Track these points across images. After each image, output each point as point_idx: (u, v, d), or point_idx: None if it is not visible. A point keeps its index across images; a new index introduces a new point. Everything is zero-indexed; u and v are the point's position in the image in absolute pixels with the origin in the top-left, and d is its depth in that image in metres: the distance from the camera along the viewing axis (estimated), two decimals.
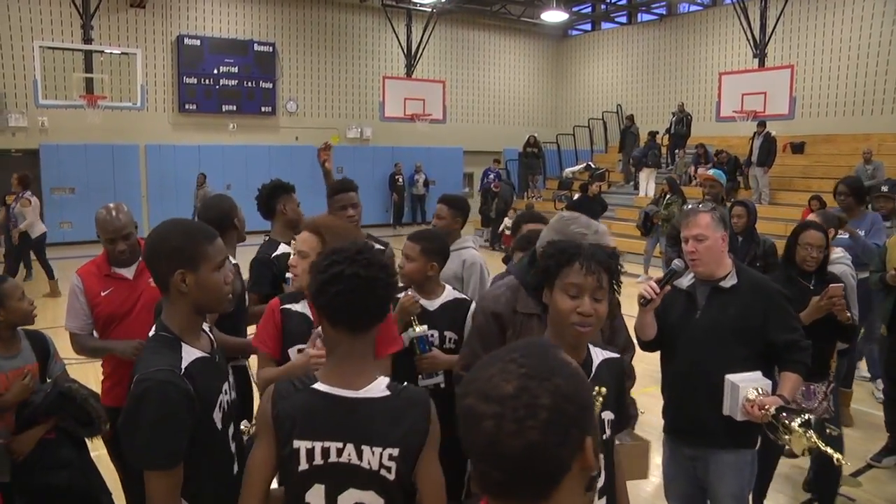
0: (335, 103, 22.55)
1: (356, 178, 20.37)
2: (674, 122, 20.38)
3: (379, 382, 2.00)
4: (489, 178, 22.35)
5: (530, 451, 1.09)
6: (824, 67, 19.42)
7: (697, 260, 3.31)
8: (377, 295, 1.95)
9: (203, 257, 2.19)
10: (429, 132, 21.95)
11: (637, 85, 24.98)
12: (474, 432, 1.12)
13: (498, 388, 1.12)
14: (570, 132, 24.57)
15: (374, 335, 2.06)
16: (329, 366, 2.03)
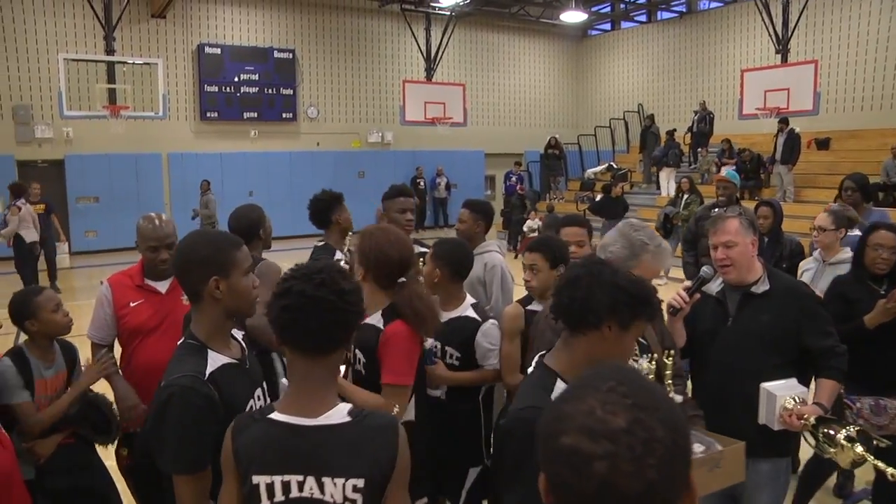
0: (356, 108, 22.62)
1: (378, 182, 20.69)
2: (696, 121, 20.27)
3: (339, 409, 1.89)
4: (511, 180, 22.38)
5: (650, 492, 0.97)
6: (849, 62, 19.20)
7: (729, 267, 3.24)
8: (322, 317, 1.83)
9: (233, 264, 2.32)
10: (450, 135, 21.97)
11: (658, 84, 24.84)
12: (582, 477, 0.98)
13: (606, 423, 1.00)
14: (592, 133, 24.48)
15: (337, 360, 1.95)
16: (287, 392, 1.94)
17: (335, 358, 1.93)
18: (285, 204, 19.83)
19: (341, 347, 1.92)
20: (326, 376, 1.92)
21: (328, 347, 1.89)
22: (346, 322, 1.88)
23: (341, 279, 1.88)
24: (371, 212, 4.84)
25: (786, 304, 3.19)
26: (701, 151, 19.96)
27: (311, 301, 1.82)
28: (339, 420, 1.86)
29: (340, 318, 1.86)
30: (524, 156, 25.19)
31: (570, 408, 1.04)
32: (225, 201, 19.89)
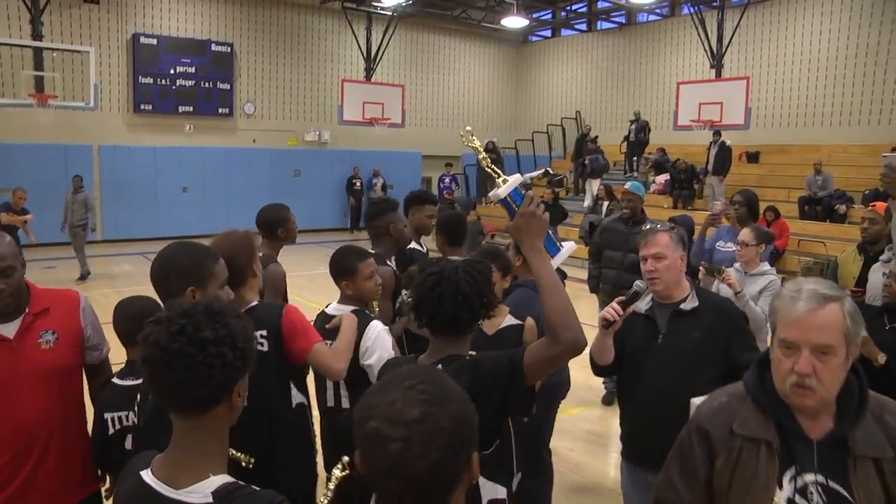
0: (293, 106, 22.44)
1: (313, 181, 20.60)
2: (634, 130, 20.72)
3: (206, 484, 1.60)
4: (444, 183, 22.53)
5: (433, 469, 1.26)
6: (778, 80, 19.90)
7: (657, 279, 3.31)
8: (177, 374, 1.56)
9: (210, 276, 2.45)
10: (387, 136, 22.03)
11: (596, 92, 25.29)
12: (380, 453, 1.26)
13: (404, 414, 1.27)
14: (530, 138, 24.78)
15: (216, 423, 1.65)
16: (167, 449, 1.68)
17: (212, 418, 1.64)
18: (220, 201, 19.69)
19: (215, 407, 1.62)
20: (202, 439, 1.64)
21: (193, 407, 1.61)
22: (209, 378, 1.57)
23: (207, 324, 1.58)
24: (306, 210, 4.83)
25: (716, 320, 3.28)
26: (638, 161, 20.46)
27: (165, 354, 1.55)
28: (198, 500, 1.58)
29: (201, 375, 1.56)
30: (461, 159, 25.36)
31: (377, 399, 1.31)
32: (158, 197, 19.64)
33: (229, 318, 1.62)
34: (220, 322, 1.60)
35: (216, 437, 1.66)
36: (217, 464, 1.66)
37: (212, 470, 1.63)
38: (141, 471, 1.66)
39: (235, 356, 1.59)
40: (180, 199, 20.01)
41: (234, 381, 1.62)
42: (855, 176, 16.07)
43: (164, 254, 2.53)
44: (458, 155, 25.38)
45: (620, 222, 6.83)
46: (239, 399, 1.66)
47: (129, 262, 16.00)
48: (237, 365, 1.60)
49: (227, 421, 1.67)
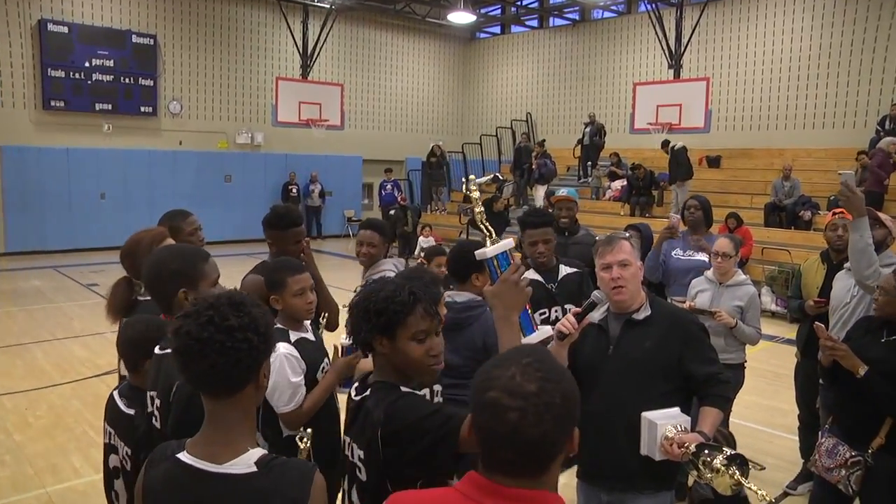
0: (224, 105, 22.08)
1: (246, 187, 20.29)
2: (588, 133, 20.87)
3: (248, 456, 1.86)
4: (386, 189, 22.43)
5: (543, 438, 1.51)
6: (740, 81, 20.24)
7: (623, 287, 3.34)
8: (210, 359, 1.81)
9: (201, 276, 2.72)
10: (325, 139, 21.90)
11: (548, 93, 25.48)
12: (498, 421, 1.52)
13: (522, 387, 1.52)
14: (477, 141, 24.76)
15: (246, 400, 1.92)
16: (201, 430, 1.94)
17: (243, 398, 1.90)
18: (142, 209, 19.21)
19: (244, 387, 1.89)
20: (236, 418, 1.90)
21: (225, 389, 1.88)
22: (238, 361, 1.83)
23: (232, 313, 1.85)
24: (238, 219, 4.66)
25: (669, 330, 3.31)
26: (593, 166, 20.64)
27: (197, 343, 1.81)
28: (243, 470, 1.84)
29: (231, 359, 1.82)
30: (405, 163, 25.32)
31: (498, 371, 1.57)
32: (73, 204, 19.11)
33: (250, 307, 1.90)
34: (243, 311, 1.87)
35: (248, 415, 1.94)
36: (252, 439, 1.94)
37: (249, 444, 1.90)
38: (177, 454, 1.90)
39: (260, 340, 1.87)
40: (98, 207, 19.45)
41: (260, 362, 1.89)
42: (820, 181, 16.40)
43: (153, 258, 2.79)
44: (401, 159, 25.35)
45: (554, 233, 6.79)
46: (265, 378, 1.93)
47: (40, 277, 15.40)
48: (261, 347, 1.88)
49: (255, 400, 1.95)
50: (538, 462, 1.56)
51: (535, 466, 1.56)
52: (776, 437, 6.99)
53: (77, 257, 18.12)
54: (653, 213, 17.54)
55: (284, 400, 3.40)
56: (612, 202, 19.54)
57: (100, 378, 8.56)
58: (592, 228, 7.01)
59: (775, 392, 8.09)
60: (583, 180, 21.01)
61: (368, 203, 25.82)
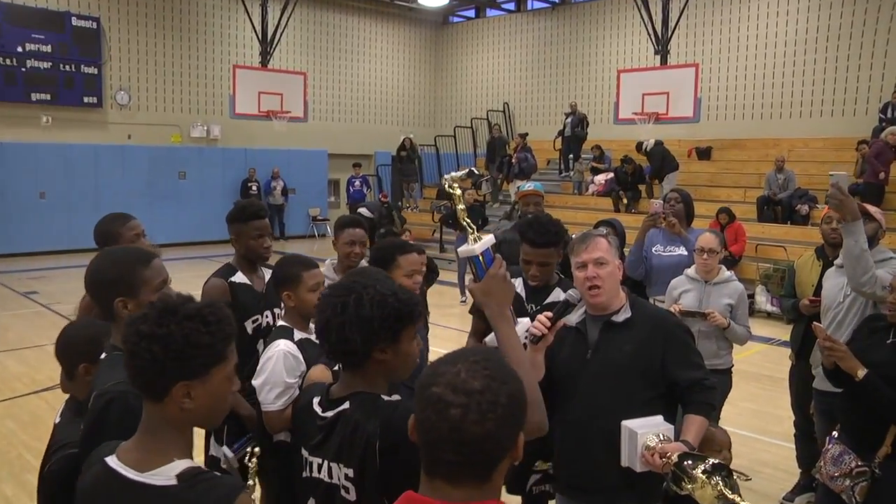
0: (176, 96, 21.92)
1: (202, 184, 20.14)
2: (570, 124, 20.90)
3: (170, 468, 1.89)
4: (354, 186, 22.35)
5: (485, 438, 1.57)
6: (731, 67, 20.39)
7: (599, 287, 3.33)
8: (139, 360, 1.87)
9: (141, 282, 2.67)
10: (288, 132, 21.72)
11: (527, 81, 25.52)
12: (440, 417, 1.58)
13: (466, 384, 1.59)
14: (451, 133, 24.79)
15: (175, 415, 1.94)
16: (134, 435, 1.99)
17: (168, 407, 1.92)
18: (87, 209, 19.00)
19: (159, 398, 1.92)
20: (161, 425, 1.93)
21: (145, 393, 1.94)
22: (141, 371, 1.89)
23: (154, 321, 1.89)
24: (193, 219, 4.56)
25: (650, 334, 3.31)
26: (574, 160, 20.67)
27: (136, 340, 1.88)
28: (161, 482, 1.87)
29: (137, 365, 1.89)
30: (373, 158, 25.25)
31: (444, 368, 1.64)
32: (8, 205, 18.82)
33: (181, 320, 1.88)
34: (166, 321, 1.87)
35: (175, 428, 1.94)
36: (181, 451, 1.94)
37: (176, 455, 1.91)
38: (106, 457, 1.93)
39: (167, 356, 1.85)
40: (37, 208, 19.17)
41: (169, 379, 1.87)
42: (817, 173, 16.53)
43: (90, 266, 2.75)
44: (370, 153, 25.28)
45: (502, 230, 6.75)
46: (185, 401, 1.89)
47: None
48: (168, 364, 1.85)
49: (181, 418, 1.93)
50: (481, 465, 1.62)
51: (478, 469, 1.62)
52: (772, 445, 7.01)
53: (13, 262, 17.85)
54: (639, 209, 17.58)
55: (271, 397, 3.38)
56: (595, 197, 19.58)
57: (38, 395, 8.30)
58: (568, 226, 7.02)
59: (770, 398, 8.13)
60: (564, 174, 21.03)
61: (335, 201, 25.74)
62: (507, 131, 24.82)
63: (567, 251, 3.60)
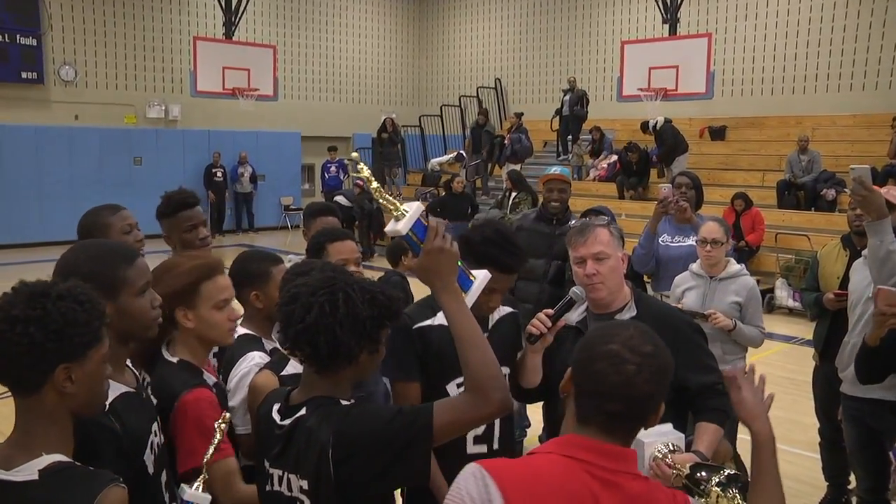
0: (130, 71, 21.79)
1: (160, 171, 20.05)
2: (568, 102, 20.81)
3: (36, 462, 1.97)
4: (330, 172, 22.24)
5: (651, 397, 2.01)
6: (747, 37, 20.26)
7: (600, 284, 3.36)
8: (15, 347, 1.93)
9: (122, 283, 2.51)
10: (256, 112, 21.64)
11: (521, 54, 25.45)
12: (615, 371, 1.97)
13: (641, 346, 2.02)
14: (437, 113, 24.81)
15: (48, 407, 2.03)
16: None
17: (41, 400, 2.01)
18: (30, 199, 18.91)
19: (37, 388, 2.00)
20: (34, 420, 2.03)
21: (13, 387, 2.02)
22: (18, 358, 1.95)
23: (23, 303, 1.96)
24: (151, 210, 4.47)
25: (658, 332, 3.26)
26: (575, 141, 20.57)
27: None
28: (23, 477, 1.95)
29: (10, 353, 1.94)
30: (352, 140, 25.16)
31: (614, 332, 2.07)
32: None
33: (54, 300, 1.97)
34: (39, 303, 1.95)
35: (50, 420, 2.03)
36: (52, 445, 2.01)
37: (46, 449, 1.99)
38: None
39: (47, 338, 1.93)
40: None
41: (49, 363, 1.97)
42: (846, 153, 16.48)
43: (64, 259, 2.62)
44: (348, 136, 25.21)
45: (541, 221, 6.62)
46: (68, 385, 2.00)
47: None
48: (48, 346, 1.94)
49: (60, 406, 2.03)
50: (637, 419, 2.06)
51: (634, 423, 2.07)
52: (796, 456, 6.96)
53: None
54: (646, 196, 17.55)
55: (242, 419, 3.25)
56: (597, 183, 19.53)
57: None
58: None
59: (793, 402, 8.06)
60: (562, 158, 20.96)
61: (309, 188, 25.68)
62: (500, 110, 24.75)
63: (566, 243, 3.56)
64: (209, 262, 3.07)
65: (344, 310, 2.24)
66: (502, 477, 1.96)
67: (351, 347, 2.26)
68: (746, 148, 18.91)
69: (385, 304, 2.30)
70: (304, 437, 2.27)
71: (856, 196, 4.24)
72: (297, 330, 2.27)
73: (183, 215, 4.31)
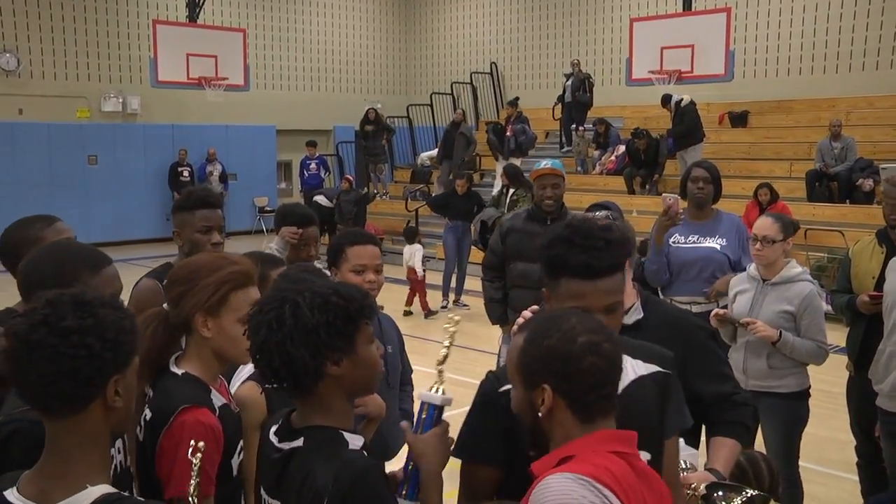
0: (81, 59, 21.79)
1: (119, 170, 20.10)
2: (570, 88, 20.78)
3: (84, 496, 1.96)
4: (310, 169, 22.18)
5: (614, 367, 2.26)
6: (771, 11, 20.25)
7: None
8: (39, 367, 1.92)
9: None
10: (225, 104, 21.61)
11: (518, 35, 25.52)
12: (599, 357, 2.17)
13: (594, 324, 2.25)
14: (427, 102, 24.81)
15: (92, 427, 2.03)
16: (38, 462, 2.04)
17: (86, 420, 2.00)
18: None
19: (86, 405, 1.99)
20: (75, 444, 2.00)
21: (61, 406, 1.98)
22: (74, 371, 1.92)
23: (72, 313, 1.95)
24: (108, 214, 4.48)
25: (666, 338, 3.22)
26: (577, 130, 20.54)
27: (25, 346, 1.92)
28: None
29: (65, 367, 1.91)
30: (332, 134, 25.14)
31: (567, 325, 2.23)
32: None
33: (99, 308, 1.98)
34: (88, 311, 1.96)
35: (93, 442, 2.03)
36: (96, 473, 2.02)
37: (89, 480, 1.98)
38: (5, 490, 1.98)
39: (104, 347, 1.95)
40: None
41: (106, 375, 1.98)
42: (884, 139, 16.54)
43: (28, 260, 2.82)
44: (328, 129, 25.19)
45: (534, 221, 6.66)
46: (117, 399, 2.01)
47: None
48: (106, 356, 1.96)
49: (104, 424, 2.04)
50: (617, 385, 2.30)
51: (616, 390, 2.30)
52: (828, 477, 6.95)
53: None
54: (658, 190, 17.53)
55: None
56: (604, 177, 19.49)
57: None
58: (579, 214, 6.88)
59: (829, 417, 8.01)
60: (566, 149, 20.93)
61: (286, 188, 25.73)
62: (496, 97, 24.74)
63: None
64: (247, 269, 3.03)
65: (291, 322, 2.26)
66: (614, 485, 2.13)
67: (306, 361, 2.25)
68: (771, 135, 18.89)
69: (340, 306, 2.30)
70: (300, 475, 2.28)
71: (889, 199, 4.21)
72: (253, 354, 2.34)
73: (200, 214, 4.40)
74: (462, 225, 14.15)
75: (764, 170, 16.83)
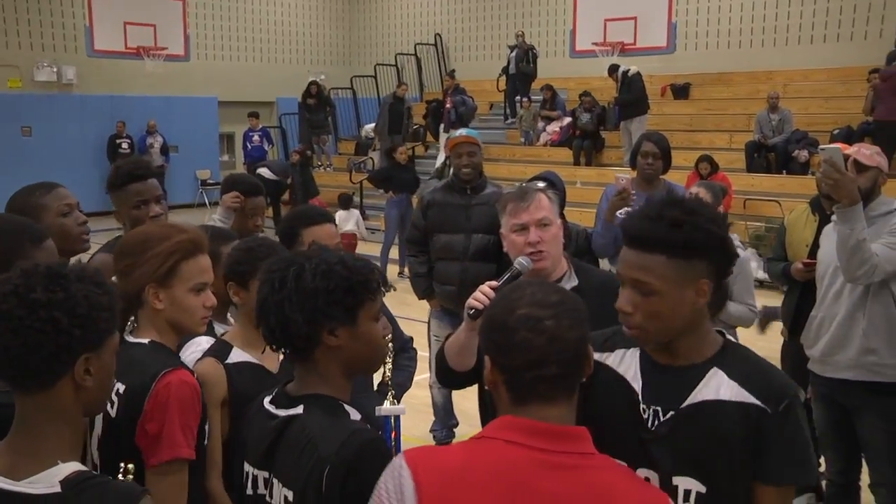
0: (11, 27, 21.31)
1: (54, 143, 19.84)
2: (514, 59, 20.80)
3: (53, 472, 1.93)
4: (252, 141, 22.04)
5: (580, 341, 2.04)
6: None
7: (543, 253, 3.41)
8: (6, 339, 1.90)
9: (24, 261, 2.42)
10: (165, 74, 21.47)
11: (462, 7, 25.51)
12: (536, 333, 1.99)
13: (547, 298, 2.05)
14: (371, 73, 24.75)
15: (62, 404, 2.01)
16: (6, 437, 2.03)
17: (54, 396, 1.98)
18: None
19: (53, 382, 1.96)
20: (44, 421, 1.98)
21: (26, 381, 1.96)
22: (39, 345, 1.90)
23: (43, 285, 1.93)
24: None
25: (601, 305, 3.06)
26: (522, 101, 20.61)
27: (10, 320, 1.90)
28: (43, 490, 1.91)
29: (29, 341, 1.90)
30: (275, 106, 24.99)
31: (516, 294, 2.09)
32: None
33: (74, 282, 1.95)
34: (60, 285, 1.93)
35: (64, 420, 2.00)
36: (67, 450, 1.99)
37: (60, 457, 1.95)
38: None
39: (73, 323, 1.91)
40: None
41: (74, 352, 1.95)
42: (820, 111, 16.75)
43: None
44: (271, 100, 25.03)
45: (453, 191, 6.63)
46: (87, 378, 1.98)
47: None
48: (75, 333, 1.92)
49: (75, 403, 2.01)
50: (574, 375, 2.05)
51: (572, 380, 2.05)
52: None
53: None
54: (602, 161, 17.65)
55: None
56: (549, 148, 19.58)
57: None
58: (502, 184, 6.89)
59: None
60: (511, 121, 20.99)
61: (229, 160, 25.53)
62: (440, 68, 24.72)
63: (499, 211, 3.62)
64: (195, 237, 2.95)
65: (293, 285, 2.27)
66: (422, 467, 1.98)
67: (300, 325, 2.27)
68: (712, 107, 19.01)
69: (342, 276, 2.30)
70: (300, 444, 2.28)
71: (826, 179, 4.28)
72: (256, 310, 2.38)
73: (133, 188, 4.14)
74: (406, 198, 14.12)
75: (705, 141, 16.98)
